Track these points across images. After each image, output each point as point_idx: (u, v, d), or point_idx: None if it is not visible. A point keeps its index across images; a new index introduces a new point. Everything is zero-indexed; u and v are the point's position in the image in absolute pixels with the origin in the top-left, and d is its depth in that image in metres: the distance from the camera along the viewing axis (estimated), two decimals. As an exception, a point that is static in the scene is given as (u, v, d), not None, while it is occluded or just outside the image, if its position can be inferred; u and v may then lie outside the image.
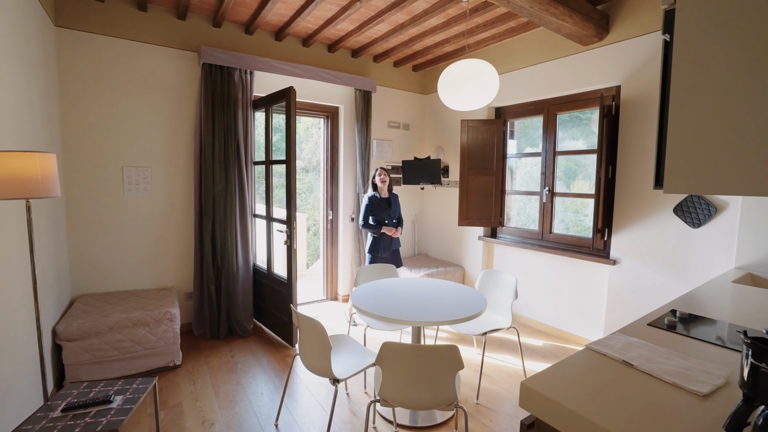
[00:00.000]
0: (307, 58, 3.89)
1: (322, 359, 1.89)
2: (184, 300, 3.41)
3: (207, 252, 3.26)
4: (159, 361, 2.66)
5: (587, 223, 3.60)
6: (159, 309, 2.69)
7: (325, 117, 4.24)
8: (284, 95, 3.07)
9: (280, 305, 3.28)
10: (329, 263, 4.40)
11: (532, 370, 2.84)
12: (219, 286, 3.36)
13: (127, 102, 3.04)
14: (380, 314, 2.03)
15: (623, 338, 1.23)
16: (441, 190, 4.66)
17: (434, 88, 4.66)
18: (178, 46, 3.22)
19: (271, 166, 3.43)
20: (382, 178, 3.43)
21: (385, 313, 2.05)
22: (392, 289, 2.52)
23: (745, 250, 2.32)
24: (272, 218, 3.43)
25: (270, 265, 3.48)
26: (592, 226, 3.48)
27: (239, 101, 3.36)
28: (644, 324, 1.40)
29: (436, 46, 3.84)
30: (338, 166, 4.28)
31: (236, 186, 3.40)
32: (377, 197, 3.43)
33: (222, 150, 3.30)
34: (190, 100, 3.30)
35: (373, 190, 3.49)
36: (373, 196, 3.43)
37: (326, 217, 4.37)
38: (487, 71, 2.58)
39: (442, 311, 2.13)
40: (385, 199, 3.46)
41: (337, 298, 4.43)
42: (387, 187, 3.47)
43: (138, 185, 3.13)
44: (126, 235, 3.11)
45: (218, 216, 3.30)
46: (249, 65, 3.38)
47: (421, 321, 1.97)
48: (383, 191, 3.47)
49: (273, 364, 2.91)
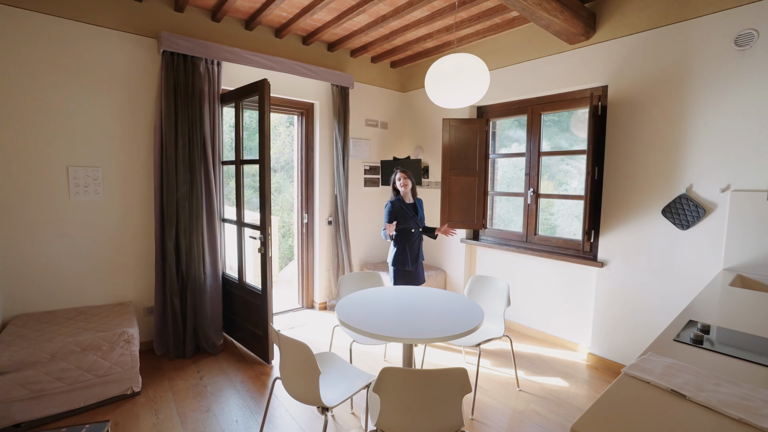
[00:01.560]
0: (279, 50, 3.61)
1: (309, 386, 1.67)
2: (144, 315, 3.05)
3: (170, 261, 2.93)
4: (114, 389, 2.32)
5: (571, 225, 3.57)
6: (114, 329, 2.35)
7: (299, 114, 3.97)
8: (257, 88, 2.80)
9: (254, 318, 3.00)
10: (305, 270, 4.14)
11: (525, 380, 2.74)
12: (184, 298, 3.03)
13: (74, 93, 2.66)
14: (373, 331, 1.83)
15: (660, 360, 1.11)
16: (421, 191, 4.52)
17: (413, 86, 4.51)
18: (135, 31, 2.86)
19: (242, 167, 3.14)
20: (403, 182, 3.02)
21: (379, 330, 1.85)
22: (380, 301, 2.32)
23: (733, 251, 2.32)
24: (244, 223, 3.14)
25: (242, 274, 3.19)
26: (579, 227, 3.45)
27: (205, 95, 3.04)
28: (669, 339, 1.30)
29: (418, 41, 3.69)
30: (314, 166, 4.03)
31: (203, 188, 3.08)
32: (400, 203, 3.04)
33: (186, 148, 2.97)
34: (149, 92, 2.95)
35: (395, 195, 3.09)
36: (396, 201, 3.04)
37: (301, 221, 4.10)
38: (478, 67, 2.45)
39: (438, 325, 1.96)
40: (410, 205, 3.05)
41: (313, 306, 4.18)
42: (410, 191, 3.08)
43: (87, 187, 2.75)
44: (73, 244, 2.72)
45: (183, 221, 2.97)
46: (216, 55, 3.07)
47: (419, 338, 1.79)
48: (407, 196, 3.08)
49: (247, 384, 2.63)
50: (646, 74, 2.66)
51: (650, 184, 2.67)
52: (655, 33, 2.60)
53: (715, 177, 2.40)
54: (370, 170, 4.44)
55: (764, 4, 2.20)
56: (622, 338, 2.85)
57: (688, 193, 2.50)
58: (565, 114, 3.45)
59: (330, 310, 4.12)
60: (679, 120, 2.53)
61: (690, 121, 2.48)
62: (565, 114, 3.45)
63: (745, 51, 2.27)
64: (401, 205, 3.03)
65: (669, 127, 2.57)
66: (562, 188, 3.63)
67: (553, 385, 2.69)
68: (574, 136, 3.53)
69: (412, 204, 3.09)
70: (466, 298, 2.39)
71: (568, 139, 3.56)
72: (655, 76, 2.62)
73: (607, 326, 2.92)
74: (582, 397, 2.54)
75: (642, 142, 2.70)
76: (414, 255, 3.06)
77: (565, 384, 2.70)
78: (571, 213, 3.67)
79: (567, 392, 2.60)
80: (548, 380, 2.75)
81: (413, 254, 3.06)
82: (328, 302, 4.15)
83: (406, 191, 3.06)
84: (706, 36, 2.40)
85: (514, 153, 3.78)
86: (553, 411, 2.38)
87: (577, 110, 3.25)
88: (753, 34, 2.23)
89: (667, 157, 2.59)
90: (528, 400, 2.50)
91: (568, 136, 3.57)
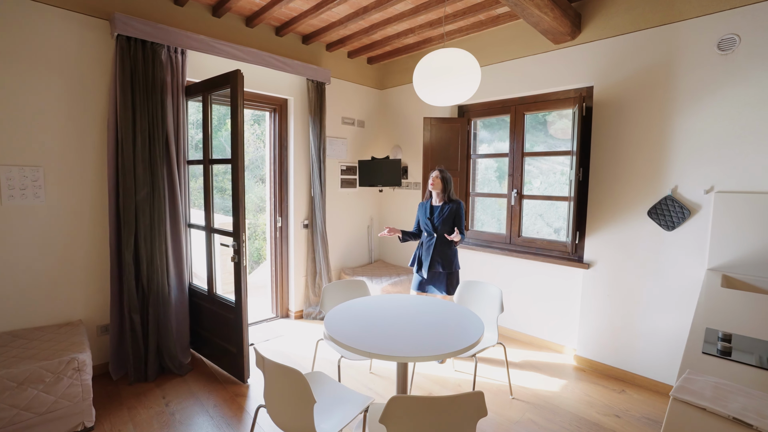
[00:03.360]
0: (250, 40, 3.33)
1: (301, 416, 1.47)
2: (98, 335, 2.69)
3: (128, 273, 2.59)
4: (60, 428, 1.99)
5: (555, 226, 3.57)
6: (60, 355, 2.01)
7: (272, 110, 3.71)
8: (228, 80, 2.53)
9: (227, 333, 2.73)
10: (279, 276, 3.87)
11: (516, 387, 2.67)
12: (146, 314, 2.70)
13: (7, 79, 2.27)
14: (369, 350, 1.66)
15: (703, 380, 1.02)
16: (400, 192, 4.38)
17: (391, 83, 4.36)
18: (83, 10, 2.50)
19: (211, 167, 2.85)
20: (432, 182, 2.84)
21: (376, 348, 1.68)
22: (370, 312, 2.15)
23: (716, 252, 2.36)
24: (214, 229, 2.85)
25: (212, 284, 2.89)
26: (562, 228, 3.44)
27: (168, 86, 2.73)
28: (698, 353, 1.22)
29: (399, 36, 3.54)
30: (288, 166, 3.77)
31: (166, 190, 2.76)
32: (428, 203, 2.91)
33: (146, 146, 2.65)
34: (101, 81, 2.59)
35: (429, 196, 2.96)
36: (426, 202, 2.94)
37: (274, 225, 3.83)
38: (469, 62, 2.34)
39: (437, 339, 1.81)
40: (435, 207, 2.86)
41: (288, 315, 3.93)
42: (441, 193, 2.83)
43: (25, 190, 2.37)
44: (7, 256, 2.33)
45: (143, 227, 2.64)
46: (180, 42, 2.76)
47: (421, 355, 1.64)
48: (435, 197, 2.89)
49: (222, 408, 2.37)
50: (632, 75, 2.66)
51: (636, 185, 2.68)
52: (640, 35, 2.61)
53: (699, 178, 2.44)
54: (347, 170, 4.24)
55: (746, 10, 2.24)
56: (608, 339, 2.85)
57: (673, 194, 2.53)
58: (533, 116, 3.43)
59: (307, 318, 3.88)
60: (663, 122, 2.55)
61: (674, 123, 2.51)
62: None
63: (727, 55, 2.31)
64: (426, 206, 2.92)
65: (654, 128, 2.59)
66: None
67: (544, 390, 2.63)
68: (552, 138, 3.52)
69: (439, 207, 2.85)
70: (461, 307, 2.27)
71: (544, 141, 3.55)
72: (640, 77, 2.63)
73: (594, 328, 2.92)
74: (575, 401, 2.50)
75: (627, 144, 2.70)
76: (422, 261, 2.86)
77: (556, 389, 2.66)
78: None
79: (559, 397, 2.55)
80: (539, 386, 2.69)
81: (422, 259, 2.86)
82: (304, 310, 3.91)
83: (434, 192, 2.88)
84: (689, 39, 2.42)
85: (497, 153, 3.73)
86: (549, 419, 2.32)
87: (561, 110, 3.23)
88: (735, 39, 2.27)
89: (652, 158, 2.60)
90: (523, 409, 2.42)
91: (546, 138, 3.56)
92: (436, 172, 2.84)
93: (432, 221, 2.84)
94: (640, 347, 2.71)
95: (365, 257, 4.56)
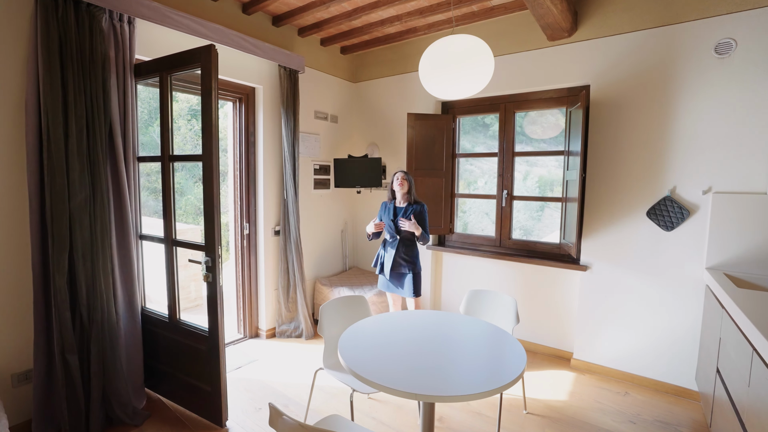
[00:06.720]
0: (212, 15, 2.82)
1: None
2: (13, 386, 2.04)
3: (61, 302, 1.99)
4: None
5: (547, 227, 3.52)
6: (-34, 428, 1.43)
7: (236, 100, 3.20)
8: (197, 58, 2.05)
9: (196, 367, 2.24)
10: (246, 290, 3.37)
11: (528, 398, 2.52)
12: (86, 353, 2.11)
13: None
14: (411, 390, 1.36)
15: None
16: (378, 194, 4.08)
17: (365, 76, 4.04)
18: (-14, -46, 1.86)
19: (172, 164, 2.32)
20: (399, 182, 2.80)
21: (415, 388, 1.38)
22: (386, 339, 1.84)
23: (714, 251, 2.40)
24: (177, 242, 2.33)
25: (174, 309, 2.36)
26: (555, 230, 3.39)
27: (111, 63, 2.16)
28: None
29: (382, 23, 3.24)
30: (256, 165, 3.29)
31: (111, 194, 2.19)
32: (392, 204, 2.88)
33: (83, 137, 2.06)
34: (14, 51, 1.96)
35: (392, 197, 2.90)
36: (390, 202, 2.90)
37: (240, 232, 3.33)
38: (482, 50, 2.14)
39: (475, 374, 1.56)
40: (399, 209, 2.84)
41: (258, 334, 3.44)
42: (406, 194, 2.82)
43: None
44: None
45: (81, 242, 2.05)
46: (127, 8, 2.20)
47: (461, 394, 1.36)
48: (400, 198, 2.84)
49: (198, 466, 1.90)
50: (629, 75, 2.65)
51: (634, 186, 2.68)
52: (638, 35, 2.60)
53: (697, 179, 2.47)
54: (320, 170, 3.85)
55: (741, 15, 2.29)
56: (608, 342, 2.83)
57: (671, 195, 2.55)
58: (520, 115, 3.36)
59: (281, 337, 3.43)
60: (661, 122, 2.55)
61: (672, 123, 2.52)
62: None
63: (724, 59, 2.35)
64: (390, 207, 2.88)
65: (652, 129, 2.59)
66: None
67: (554, 400, 2.52)
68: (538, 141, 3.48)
69: (402, 208, 2.82)
70: (491, 325, 2.03)
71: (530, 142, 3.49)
72: (638, 77, 2.62)
73: (593, 331, 2.88)
74: (587, 410, 2.41)
75: (625, 144, 2.69)
76: (383, 261, 2.86)
77: (565, 398, 2.56)
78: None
79: (572, 408, 2.44)
80: (547, 395, 2.58)
81: (383, 260, 2.86)
82: (277, 328, 3.45)
83: (403, 193, 2.81)
84: (687, 42, 2.45)
85: (485, 153, 3.59)
86: (570, 434, 2.19)
87: (554, 109, 3.17)
88: (731, 43, 2.32)
89: (650, 159, 2.61)
90: (540, 425, 2.27)
91: (531, 140, 3.50)
92: (401, 173, 2.82)
93: (395, 223, 2.79)
94: (639, 348, 2.71)
95: (340, 265, 4.19)
